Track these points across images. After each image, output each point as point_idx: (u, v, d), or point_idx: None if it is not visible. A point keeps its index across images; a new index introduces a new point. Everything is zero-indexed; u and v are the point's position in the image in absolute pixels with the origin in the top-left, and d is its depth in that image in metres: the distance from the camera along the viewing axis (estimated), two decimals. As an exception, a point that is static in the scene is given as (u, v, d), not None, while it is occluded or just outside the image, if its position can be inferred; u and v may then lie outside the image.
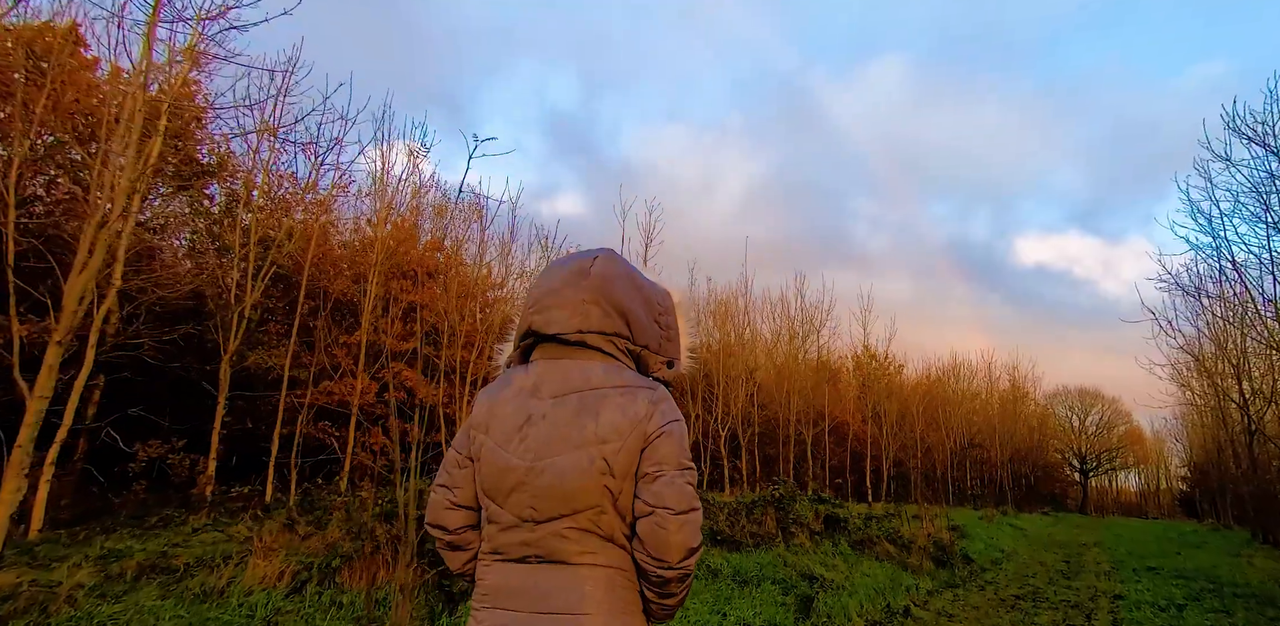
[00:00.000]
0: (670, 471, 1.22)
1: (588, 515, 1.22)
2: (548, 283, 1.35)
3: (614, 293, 1.32)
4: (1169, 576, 8.75)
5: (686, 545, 1.20)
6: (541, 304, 1.33)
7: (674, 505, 1.20)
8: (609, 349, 1.31)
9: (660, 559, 1.21)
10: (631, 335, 1.33)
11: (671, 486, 1.21)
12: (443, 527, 1.36)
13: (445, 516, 1.35)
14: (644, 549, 1.22)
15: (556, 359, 1.31)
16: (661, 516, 1.20)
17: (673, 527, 1.19)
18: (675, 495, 1.21)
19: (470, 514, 1.35)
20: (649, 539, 1.21)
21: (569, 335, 1.30)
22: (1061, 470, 45.07)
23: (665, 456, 1.23)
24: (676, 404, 1.34)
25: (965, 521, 15.46)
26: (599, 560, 1.23)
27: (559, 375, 1.29)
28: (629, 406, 1.24)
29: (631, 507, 1.23)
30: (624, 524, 1.24)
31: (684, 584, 1.27)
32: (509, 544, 1.26)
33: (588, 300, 1.30)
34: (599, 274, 1.33)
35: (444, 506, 1.35)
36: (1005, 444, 32.38)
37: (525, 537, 1.24)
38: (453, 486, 1.35)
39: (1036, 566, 9.53)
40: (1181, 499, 42.74)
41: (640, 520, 1.22)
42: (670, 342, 1.42)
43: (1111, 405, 46.96)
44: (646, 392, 1.27)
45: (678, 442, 1.25)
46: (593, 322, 1.30)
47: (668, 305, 1.44)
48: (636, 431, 1.22)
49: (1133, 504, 52.65)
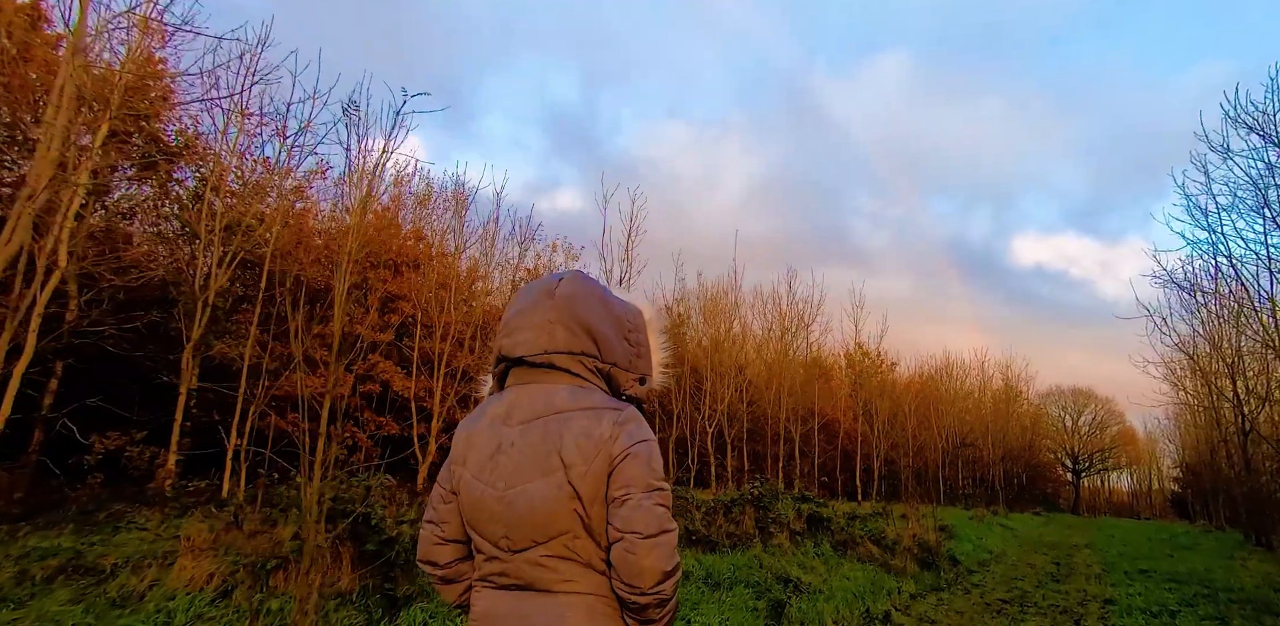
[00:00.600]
0: (637, 494, 1.20)
1: (561, 541, 1.21)
2: (516, 306, 1.36)
3: (579, 312, 1.31)
4: (1161, 579, 8.48)
5: (658, 569, 1.17)
6: (510, 326, 1.33)
7: (642, 529, 1.17)
8: (576, 369, 1.30)
9: (632, 584, 1.18)
10: (599, 353, 1.32)
11: (639, 510, 1.19)
12: (433, 563, 1.37)
13: (435, 552, 1.36)
14: (617, 575, 1.20)
15: (526, 383, 1.31)
16: (630, 541, 1.17)
17: (642, 552, 1.16)
18: (643, 518, 1.18)
19: (460, 547, 1.36)
20: (620, 565, 1.19)
21: (536, 357, 1.29)
22: (1054, 470, 45.01)
23: (632, 478, 1.21)
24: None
25: (955, 521, 15.20)
26: (579, 587, 1.22)
27: (526, 400, 1.28)
28: (593, 429, 1.22)
29: (604, 532, 1.22)
30: (600, 549, 1.23)
31: (664, 609, 1.23)
32: (493, 573, 1.27)
33: (553, 320, 1.30)
34: (564, 294, 1.32)
35: (433, 542, 1.36)
36: (998, 443, 32.20)
37: (505, 567, 1.25)
38: (439, 521, 1.36)
39: (1025, 568, 9.26)
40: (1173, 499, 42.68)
41: (612, 546, 1.20)
42: (641, 359, 1.41)
43: (1105, 405, 46.95)
44: (611, 414, 1.25)
45: (644, 463, 1.22)
46: (559, 343, 1.29)
47: (638, 322, 1.42)
48: (601, 454, 1.21)
49: (1124, 504, 52.64)
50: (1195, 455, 27.16)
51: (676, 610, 1.28)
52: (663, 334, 1.50)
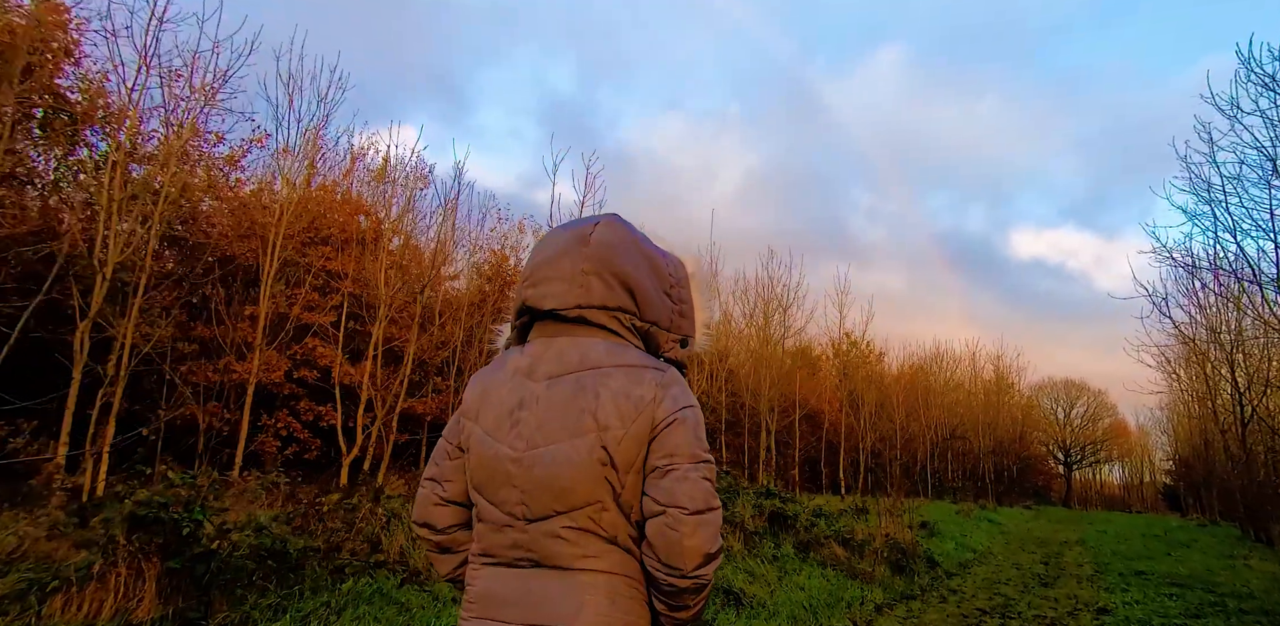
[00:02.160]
0: (683, 464, 1.07)
1: (586, 512, 1.08)
2: (543, 253, 1.20)
3: (617, 262, 1.16)
4: (1160, 583, 7.67)
5: (703, 550, 1.04)
6: (536, 276, 1.18)
7: (688, 504, 1.04)
8: (612, 326, 1.16)
9: (673, 566, 1.04)
10: (638, 310, 1.17)
11: (685, 482, 1.06)
12: (430, 525, 1.24)
13: (433, 513, 1.23)
14: (654, 554, 1.06)
15: (553, 337, 1.17)
16: (674, 516, 1.04)
17: (686, 530, 1.03)
18: (689, 492, 1.05)
19: (461, 511, 1.23)
20: (659, 543, 1.05)
21: (567, 311, 1.15)
22: (1045, 462, 44.50)
23: (677, 447, 1.08)
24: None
25: (940, 516, 14.41)
26: (600, 565, 1.08)
27: (555, 354, 1.15)
28: (633, 389, 1.09)
29: (638, 505, 1.09)
30: (629, 523, 1.10)
31: (700, 595, 1.10)
32: (499, 545, 1.13)
33: (587, 271, 1.15)
34: (600, 241, 1.17)
35: (432, 502, 1.23)
36: (988, 435, 31.50)
37: (516, 538, 1.11)
38: (442, 479, 1.23)
39: (1011, 570, 8.44)
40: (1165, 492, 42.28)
41: (649, 520, 1.07)
42: (684, 318, 1.26)
43: (1097, 397, 46.48)
44: (654, 374, 1.12)
45: (692, 431, 1.10)
46: (594, 296, 1.15)
47: (681, 276, 1.27)
48: (643, 418, 1.08)
49: (1116, 497, 52.32)
50: (1188, 447, 26.52)
51: (709, 596, 1.19)
52: (707, 290, 1.34)
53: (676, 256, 1.29)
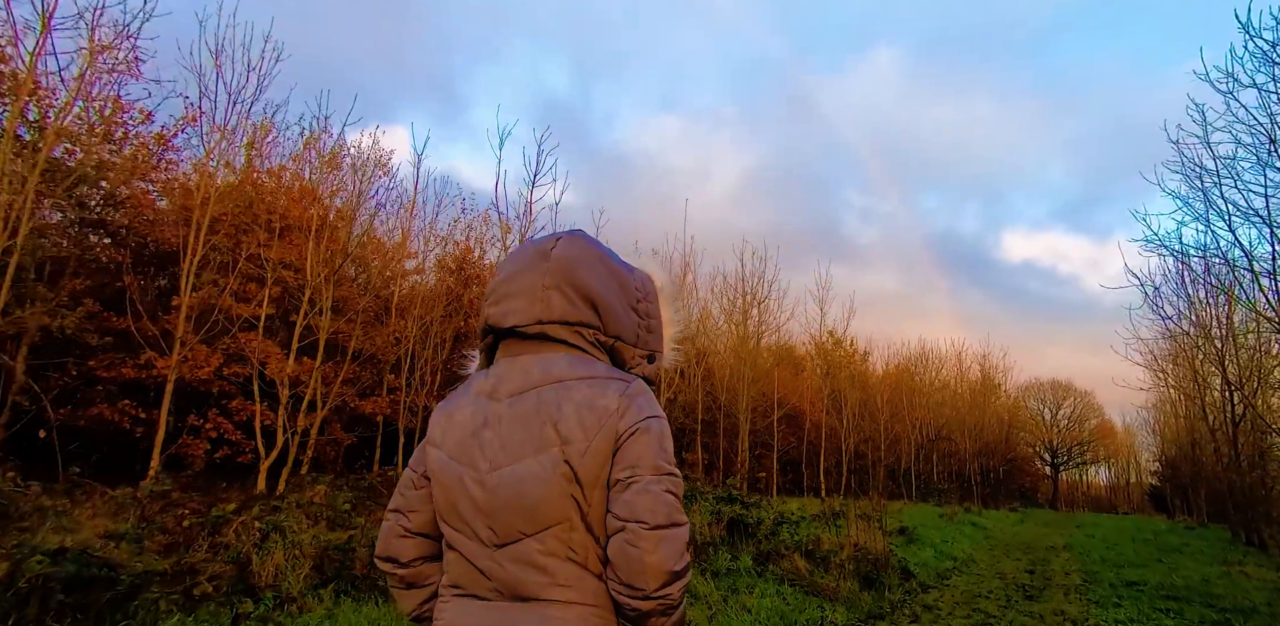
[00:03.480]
0: (645, 476, 1.02)
1: (555, 532, 1.02)
2: (505, 270, 1.18)
3: (579, 276, 1.13)
4: (1155, 595, 7.02)
5: (665, 568, 0.98)
6: (498, 294, 1.15)
7: (649, 518, 0.99)
8: (575, 341, 1.13)
9: (633, 586, 0.98)
10: (602, 325, 1.14)
11: (646, 495, 1.00)
12: (394, 560, 1.17)
13: (397, 546, 1.17)
14: (615, 574, 1.00)
15: (516, 356, 1.14)
16: (634, 532, 0.98)
17: (647, 546, 0.97)
18: (650, 506, 1.00)
19: (427, 543, 1.17)
20: (619, 560, 0.99)
21: (528, 327, 1.12)
22: (1032, 464, 44.14)
23: (640, 458, 1.03)
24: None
25: (922, 520, 13.77)
26: (572, 596, 1.02)
27: (518, 371, 1.11)
28: (597, 399, 1.05)
29: (604, 523, 1.03)
30: (598, 546, 1.04)
31: (668, 619, 1.02)
32: (467, 575, 1.08)
33: (548, 286, 1.12)
34: (561, 256, 1.14)
35: (396, 534, 1.17)
36: (974, 436, 30.99)
37: (485, 565, 1.05)
38: (406, 510, 1.17)
39: (993, 581, 7.77)
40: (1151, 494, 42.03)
41: (611, 538, 1.01)
42: (651, 333, 1.22)
43: (1084, 398, 46.24)
44: (618, 384, 1.08)
45: (655, 442, 1.05)
46: (554, 311, 1.11)
47: (648, 290, 1.23)
48: (605, 429, 1.04)
49: (1103, 498, 52.12)
50: (1175, 448, 26.12)
51: (683, 622, 1.05)
52: (676, 304, 1.28)
53: (644, 271, 1.25)
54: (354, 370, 12.22)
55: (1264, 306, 9.80)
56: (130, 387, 9.43)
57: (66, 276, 8.89)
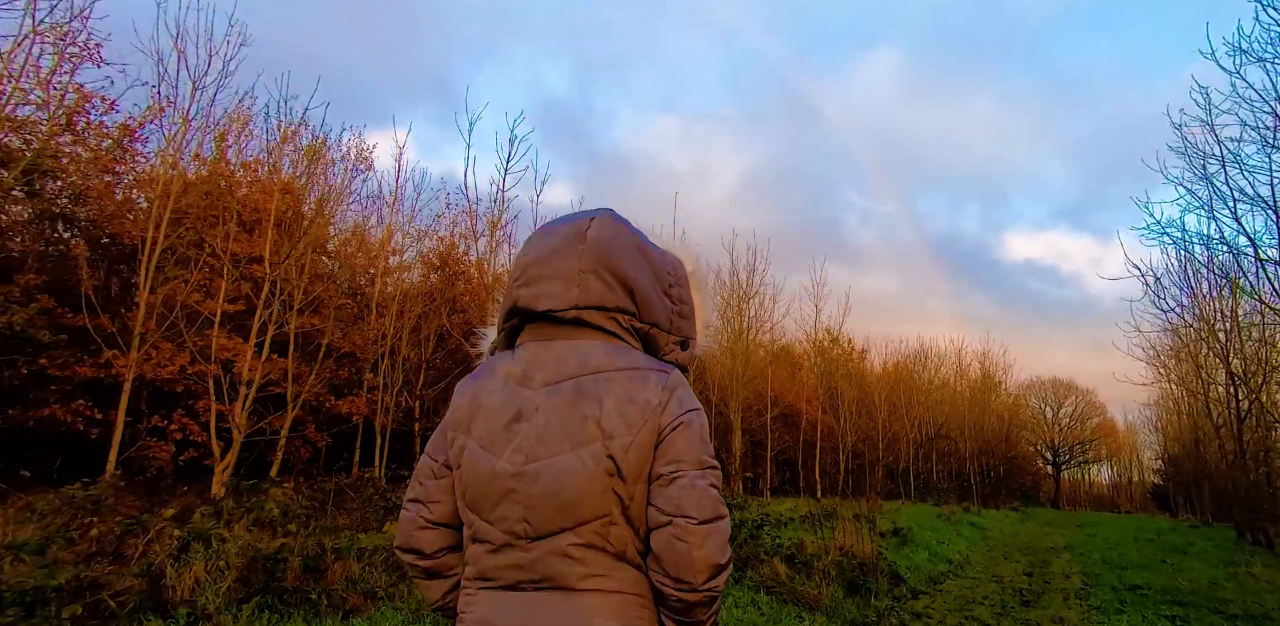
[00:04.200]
0: (689, 471, 1.01)
1: (593, 527, 1.00)
2: (536, 250, 1.11)
3: (616, 260, 1.09)
4: (1160, 600, 6.64)
5: (712, 561, 0.98)
6: (529, 275, 1.10)
7: (695, 513, 0.98)
8: (611, 327, 1.09)
9: (681, 579, 0.98)
10: (637, 311, 1.11)
11: (691, 490, 1.00)
12: (418, 551, 1.13)
13: (419, 538, 1.13)
14: (660, 567, 1.00)
15: (548, 340, 1.09)
16: (680, 527, 0.98)
17: (695, 540, 0.97)
18: (696, 500, 0.99)
19: (450, 533, 1.13)
20: (666, 555, 0.99)
21: (563, 312, 1.07)
22: (1033, 462, 43.73)
23: (683, 453, 1.02)
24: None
25: (919, 520, 13.37)
26: (609, 585, 1.01)
27: (553, 359, 1.07)
28: (638, 393, 1.03)
29: (644, 517, 1.02)
30: (637, 538, 1.03)
31: (710, 609, 1.03)
32: (499, 567, 1.04)
33: (585, 269, 1.08)
34: (597, 238, 1.10)
35: (417, 525, 1.13)
36: (974, 435, 30.58)
37: (518, 559, 1.02)
38: (427, 500, 1.13)
39: (989, 585, 7.38)
40: (1154, 492, 41.64)
41: (655, 532, 1.01)
42: (684, 319, 1.19)
43: (1085, 397, 45.85)
44: (659, 376, 1.06)
45: (697, 436, 1.04)
46: (592, 296, 1.08)
47: (680, 276, 1.21)
48: (649, 423, 1.02)
49: (1105, 497, 51.70)
50: (1178, 446, 25.71)
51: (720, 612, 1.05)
52: (707, 289, 1.26)
53: (675, 255, 1.23)
54: (330, 368, 11.87)
55: (1270, 296, 9.43)
56: (90, 387, 9.06)
57: (26, 272, 8.53)
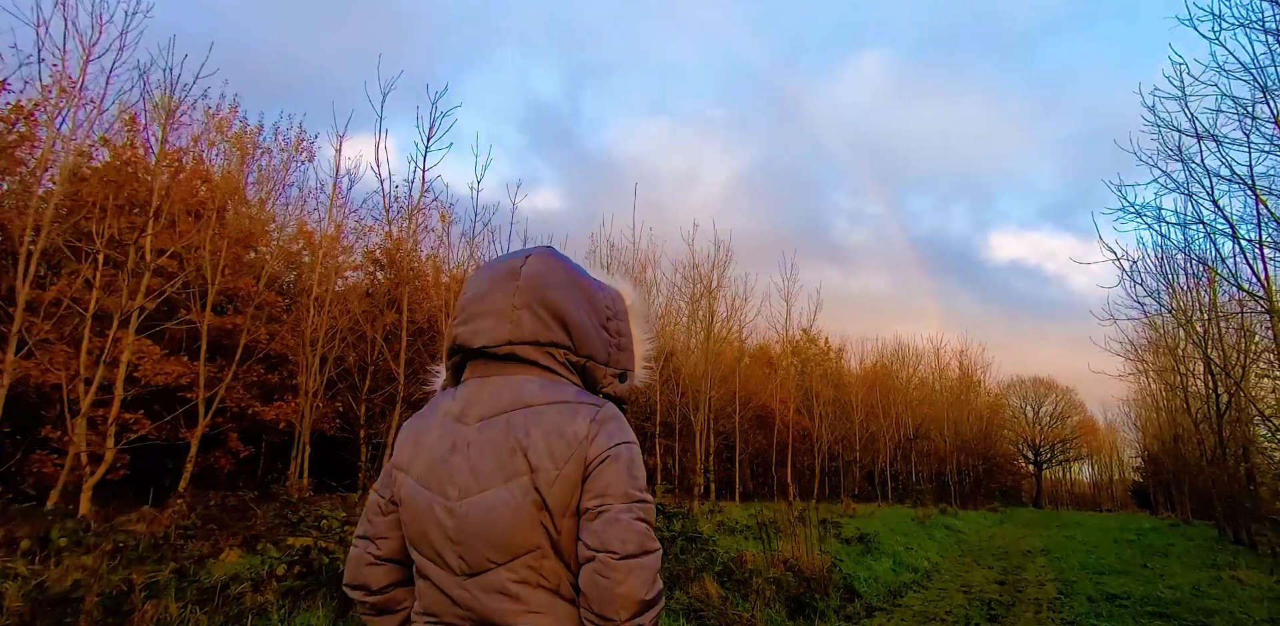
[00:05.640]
0: (615, 505, 1.00)
1: (526, 561, 1.01)
2: (474, 288, 1.14)
3: (550, 295, 1.10)
4: (1139, 611, 6.02)
5: (635, 597, 0.96)
6: (467, 313, 1.12)
7: (619, 548, 0.97)
8: (546, 361, 1.10)
9: (604, 616, 0.96)
10: (573, 344, 1.12)
11: (616, 524, 0.98)
12: (365, 587, 1.14)
13: (367, 574, 1.14)
14: (587, 604, 0.98)
15: (486, 377, 1.11)
16: (604, 562, 0.96)
17: (617, 576, 0.96)
18: (620, 534, 0.98)
19: (398, 569, 1.15)
20: (591, 591, 0.97)
21: (497, 347, 1.09)
22: (1015, 462, 43.52)
23: (609, 486, 1.01)
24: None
25: (890, 525, 12.76)
26: (546, 622, 1.01)
27: (488, 395, 1.08)
28: (566, 426, 1.03)
29: (575, 551, 1.01)
30: (570, 572, 1.03)
31: None
32: (440, 604, 1.05)
33: (518, 305, 1.09)
34: (531, 274, 1.11)
35: (366, 562, 1.14)
36: (954, 435, 30.15)
37: (457, 595, 1.03)
38: (375, 537, 1.14)
39: (956, 596, 6.73)
40: (1134, 490, 41.55)
41: (582, 568, 0.99)
42: (622, 352, 1.21)
43: (1065, 395, 45.78)
44: (588, 409, 1.06)
45: (625, 469, 1.03)
46: (525, 332, 1.08)
47: (618, 308, 1.22)
48: (575, 456, 1.02)
49: (1086, 495, 51.65)
50: (1157, 444, 25.43)
51: None
52: (647, 322, 1.26)
53: (614, 288, 1.24)
54: (259, 372, 11.03)
55: (1250, 282, 8.93)
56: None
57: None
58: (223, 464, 10.10)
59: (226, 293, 10.41)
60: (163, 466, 9.93)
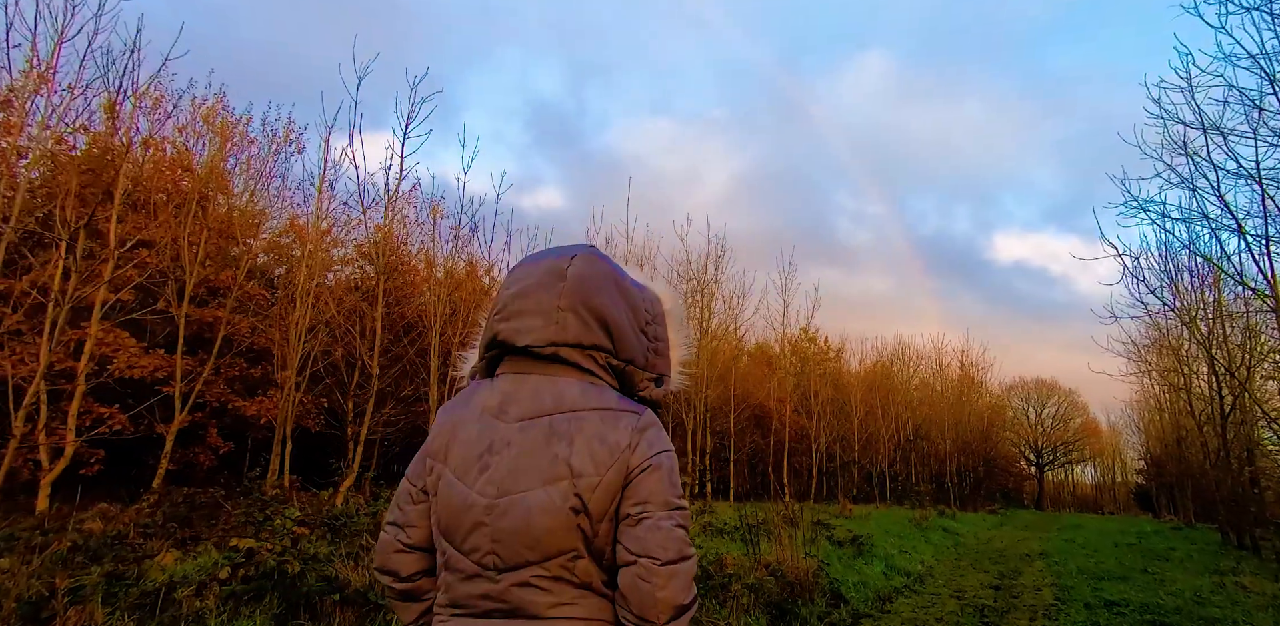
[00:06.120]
0: (656, 512, 1.03)
1: (559, 561, 1.02)
2: (517, 285, 1.15)
3: (595, 298, 1.12)
4: (1139, 620, 5.76)
5: (675, 602, 1.00)
6: (509, 309, 1.13)
7: (659, 554, 1.00)
8: (587, 364, 1.11)
9: (644, 618, 1.00)
10: (614, 348, 1.13)
11: (657, 531, 1.01)
12: (394, 573, 1.16)
13: (396, 560, 1.16)
14: (626, 605, 1.01)
15: (525, 373, 1.12)
16: (645, 567, 1.00)
17: (659, 581, 0.99)
18: (661, 541, 1.01)
19: (426, 557, 1.16)
20: (631, 594, 1.00)
21: (541, 348, 1.10)
22: (1016, 464, 43.19)
23: (650, 494, 1.04)
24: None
25: (886, 527, 12.51)
26: (576, 612, 1.02)
27: (528, 394, 1.10)
28: (609, 434, 1.05)
29: (610, 551, 1.05)
30: (603, 570, 1.05)
31: None
32: (468, 596, 1.06)
33: (564, 307, 1.11)
34: (577, 276, 1.13)
35: (394, 548, 1.16)
36: (954, 436, 29.85)
37: (487, 589, 1.04)
38: (405, 525, 1.15)
39: (948, 602, 6.48)
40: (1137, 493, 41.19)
41: (621, 570, 1.02)
42: (660, 356, 1.22)
43: (1068, 397, 45.41)
44: (630, 417, 1.08)
45: (666, 477, 1.06)
46: (569, 334, 1.10)
47: (657, 313, 1.24)
48: (617, 464, 1.04)
49: (1089, 498, 51.29)
50: (1160, 446, 25.12)
51: None
52: (683, 327, 1.28)
53: (653, 292, 1.25)
54: (242, 366, 10.82)
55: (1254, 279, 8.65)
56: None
57: None
58: (202, 460, 9.89)
59: (209, 285, 10.20)
60: (143, 462, 9.72)
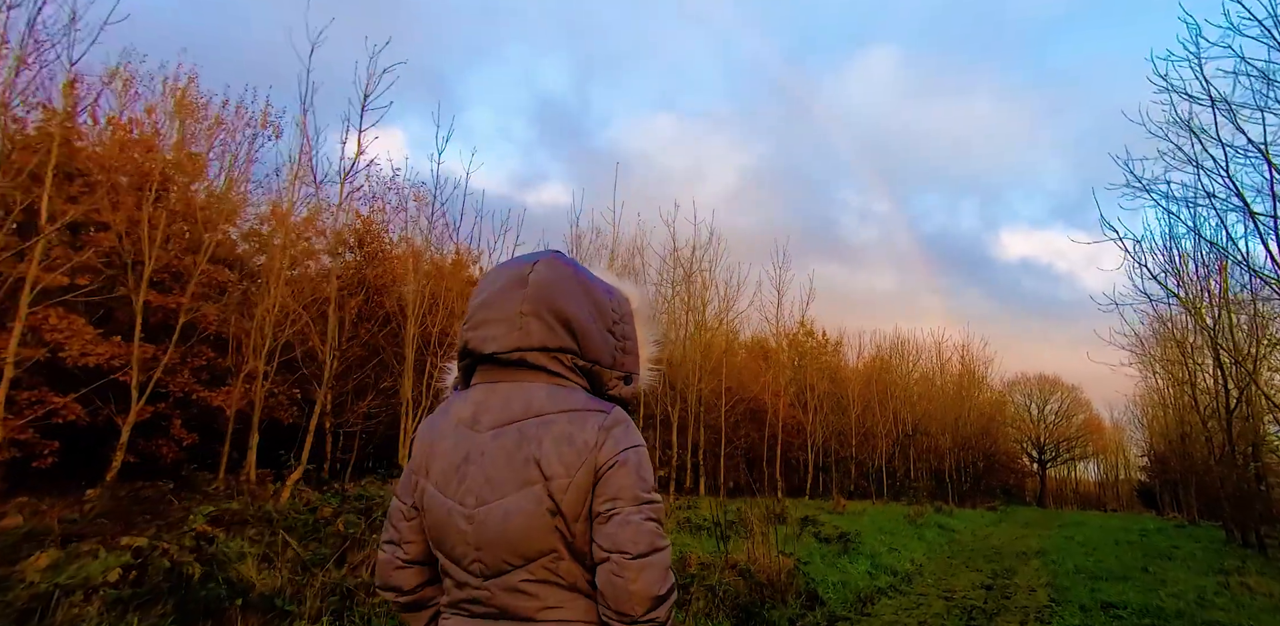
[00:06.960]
0: (625, 508, 1.04)
1: (542, 563, 1.05)
2: (483, 294, 1.17)
3: (557, 301, 1.13)
4: (1137, 623, 5.37)
5: (649, 594, 1.01)
6: (476, 318, 1.15)
7: (630, 548, 1.01)
8: (554, 367, 1.13)
9: (621, 612, 1.01)
10: (580, 349, 1.14)
11: (627, 526, 1.03)
12: (397, 589, 1.19)
13: (397, 577, 1.18)
14: (604, 602, 1.03)
15: (495, 382, 1.14)
16: (617, 562, 1.02)
17: (630, 575, 1.00)
18: (631, 536, 1.02)
19: (426, 569, 1.18)
20: (607, 590, 1.02)
21: (507, 354, 1.11)
22: (1018, 460, 42.73)
23: (619, 490, 1.05)
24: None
25: (879, 523, 12.12)
26: (565, 614, 1.05)
27: (499, 402, 1.11)
28: (577, 434, 1.06)
29: (589, 551, 1.06)
30: (586, 570, 1.07)
31: None
32: (463, 600, 1.10)
33: (526, 312, 1.12)
34: (539, 281, 1.14)
35: (395, 566, 1.18)
36: (954, 432, 29.40)
37: (478, 595, 1.07)
38: (401, 542, 1.18)
39: (935, 603, 6.09)
40: (1140, 490, 40.74)
41: (598, 568, 1.04)
42: (628, 355, 1.23)
43: (1070, 393, 44.88)
44: (597, 417, 1.09)
45: (633, 472, 1.07)
46: (534, 339, 1.11)
47: (624, 312, 1.24)
48: (585, 464, 1.05)
49: (1091, 494, 50.82)
50: (1164, 443, 24.66)
51: None
52: (651, 324, 1.28)
53: (620, 291, 1.25)
54: (208, 355, 10.45)
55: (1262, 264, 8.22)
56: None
57: None
58: (165, 452, 9.53)
59: (172, 270, 9.82)
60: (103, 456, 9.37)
